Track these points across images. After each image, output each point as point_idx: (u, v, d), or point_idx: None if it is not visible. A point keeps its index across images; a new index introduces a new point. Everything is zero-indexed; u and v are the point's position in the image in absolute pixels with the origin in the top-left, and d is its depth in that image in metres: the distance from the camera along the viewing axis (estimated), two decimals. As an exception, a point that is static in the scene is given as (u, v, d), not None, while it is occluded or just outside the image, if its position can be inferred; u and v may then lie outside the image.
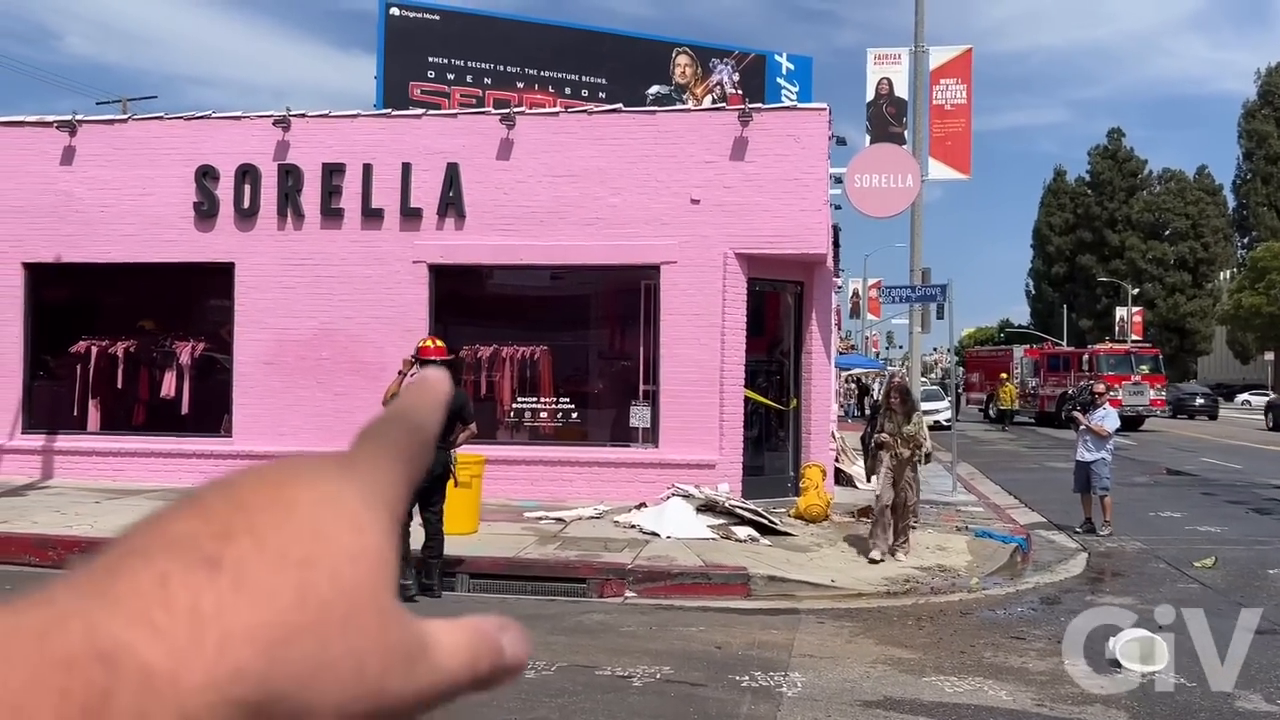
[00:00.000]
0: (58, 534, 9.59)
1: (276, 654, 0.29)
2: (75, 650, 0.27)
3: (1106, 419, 12.20)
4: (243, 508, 0.32)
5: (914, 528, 10.56)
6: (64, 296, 14.14)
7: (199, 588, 0.29)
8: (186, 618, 0.28)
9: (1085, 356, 35.99)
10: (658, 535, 10.07)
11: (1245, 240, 67.15)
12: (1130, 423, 29.54)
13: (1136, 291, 60.11)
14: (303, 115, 13.26)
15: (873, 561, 9.47)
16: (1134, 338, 50.29)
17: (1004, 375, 38.61)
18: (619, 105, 13.61)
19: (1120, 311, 56.53)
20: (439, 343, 8.74)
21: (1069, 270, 69.08)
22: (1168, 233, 64.60)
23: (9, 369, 13.57)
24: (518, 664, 0.38)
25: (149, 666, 0.27)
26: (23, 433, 13.56)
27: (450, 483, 8.24)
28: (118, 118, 14.49)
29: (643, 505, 11.33)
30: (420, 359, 8.51)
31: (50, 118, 13.66)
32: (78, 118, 13.66)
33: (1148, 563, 10.64)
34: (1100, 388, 13.05)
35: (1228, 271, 65.68)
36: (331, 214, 13.07)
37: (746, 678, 6.21)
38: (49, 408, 13.75)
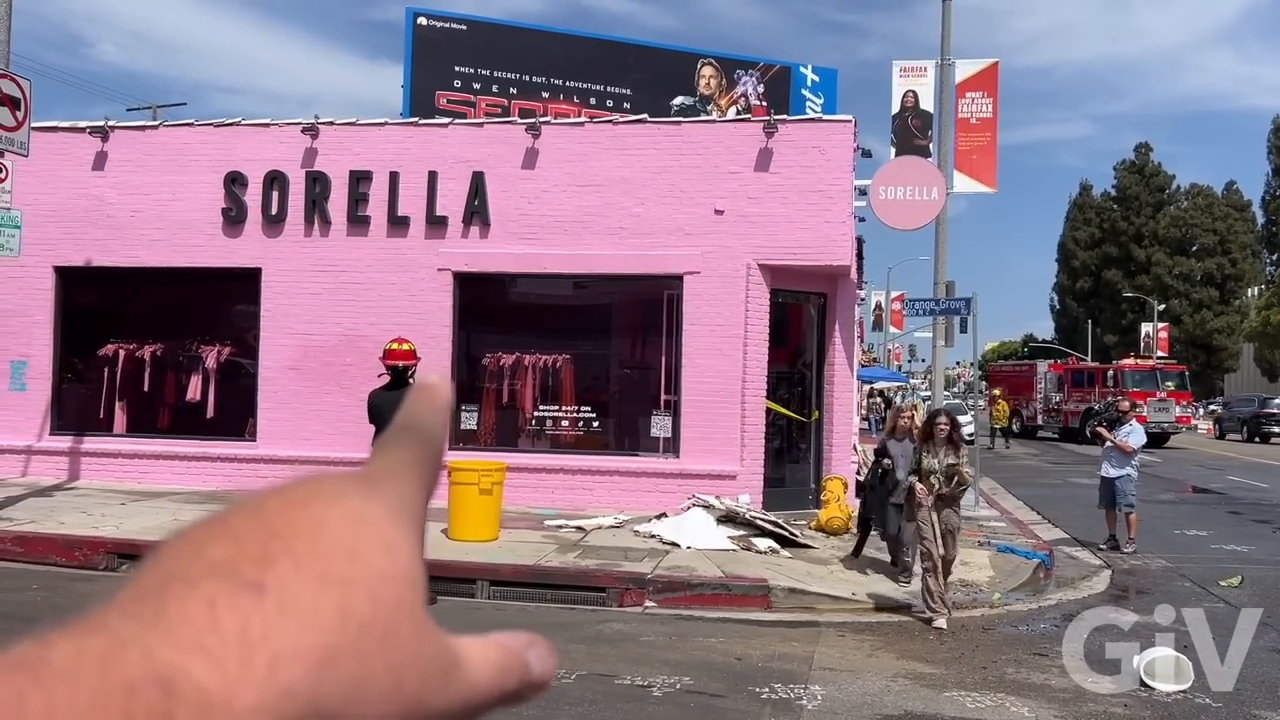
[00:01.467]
0: (84, 535, 9.69)
1: (323, 674, 0.30)
2: (135, 675, 0.28)
3: (1132, 435, 12.10)
4: (277, 531, 0.32)
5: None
6: (93, 300, 14.30)
7: (246, 612, 0.30)
8: (236, 642, 0.29)
9: (1110, 372, 35.70)
10: (678, 545, 10.06)
11: (1274, 257, 66.36)
12: (1156, 439, 29.27)
13: (1163, 307, 59.58)
14: (331, 123, 13.38)
15: (939, 630, 7.92)
16: (1159, 354, 49.83)
17: (996, 392, 38.19)
18: (644, 115, 13.65)
19: (1146, 327, 55.98)
20: (407, 345, 8.69)
21: (1094, 285, 68.54)
22: (1195, 248, 63.99)
23: (39, 371, 13.74)
24: (544, 680, 0.39)
25: (205, 690, 0.28)
26: (51, 434, 13.71)
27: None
28: (149, 124, 14.67)
29: (663, 515, 11.32)
30: (386, 361, 8.53)
31: (83, 123, 13.85)
32: (110, 124, 13.84)
33: (1172, 580, 10.53)
34: (1125, 404, 12.94)
35: (1256, 288, 64.97)
36: (358, 221, 13.17)
37: (766, 689, 6.19)
38: (77, 410, 13.91)
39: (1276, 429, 36.57)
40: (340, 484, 0.35)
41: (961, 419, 35.89)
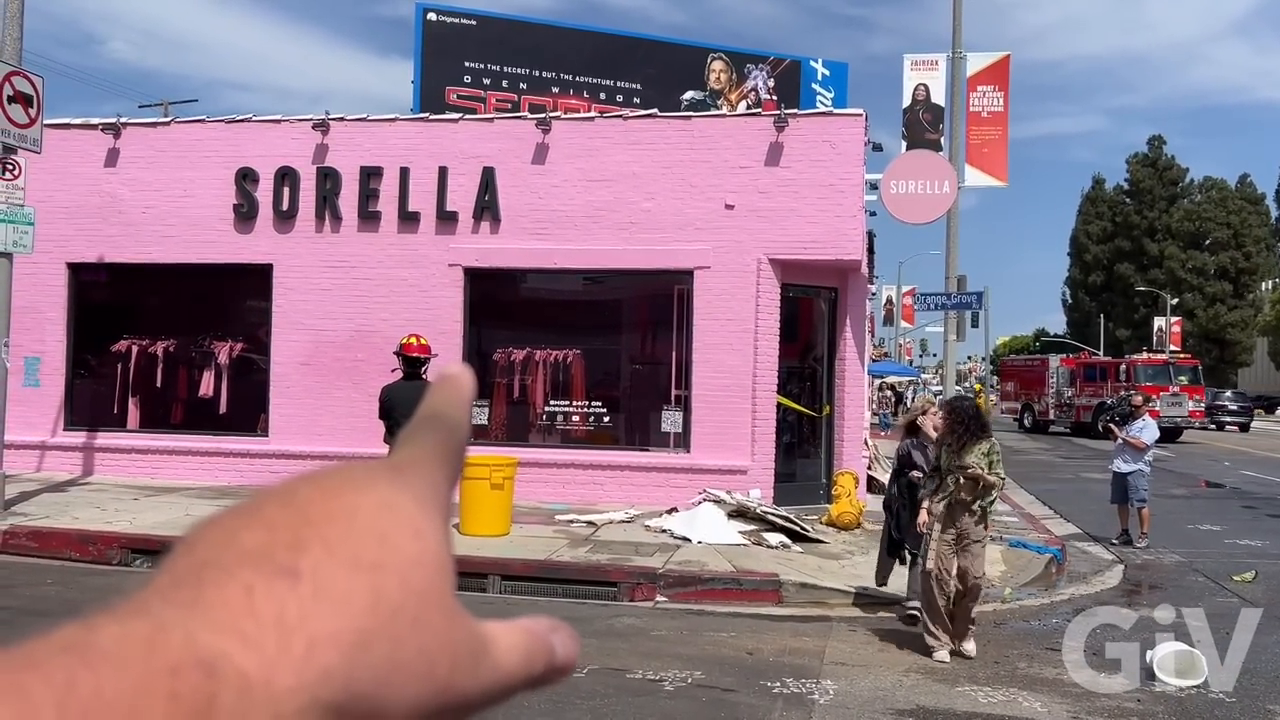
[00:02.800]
0: (98, 529, 9.74)
1: (357, 656, 0.31)
2: (178, 658, 0.28)
3: (1145, 431, 12.04)
4: (309, 518, 0.33)
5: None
6: (106, 296, 14.37)
7: (282, 597, 0.31)
8: (274, 626, 0.30)
9: (1122, 367, 35.53)
10: (689, 540, 10.06)
11: (1288, 250, 65.99)
12: (1168, 434, 29.12)
13: (1175, 301, 59.28)
14: (341, 119, 13.40)
15: (940, 662, 6.88)
16: (1172, 348, 49.59)
17: (978, 387, 38.00)
18: (654, 110, 13.63)
19: (1159, 321, 55.72)
20: (422, 340, 8.77)
21: (1106, 279, 68.21)
22: (1208, 242, 63.61)
23: (52, 367, 13.82)
24: (568, 664, 0.40)
25: (245, 673, 0.29)
26: (65, 429, 13.79)
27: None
28: (160, 121, 14.72)
29: (674, 510, 11.32)
30: (403, 355, 8.57)
31: (95, 120, 13.90)
32: (122, 120, 13.90)
33: (1185, 575, 10.48)
34: (1139, 399, 12.88)
35: (1270, 282, 64.58)
36: (368, 217, 13.20)
37: (778, 684, 6.19)
38: (90, 405, 13.98)
39: (1228, 418, 41.81)
40: (369, 472, 0.36)
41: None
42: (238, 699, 0.29)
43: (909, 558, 8.06)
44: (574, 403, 13.05)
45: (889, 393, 36.96)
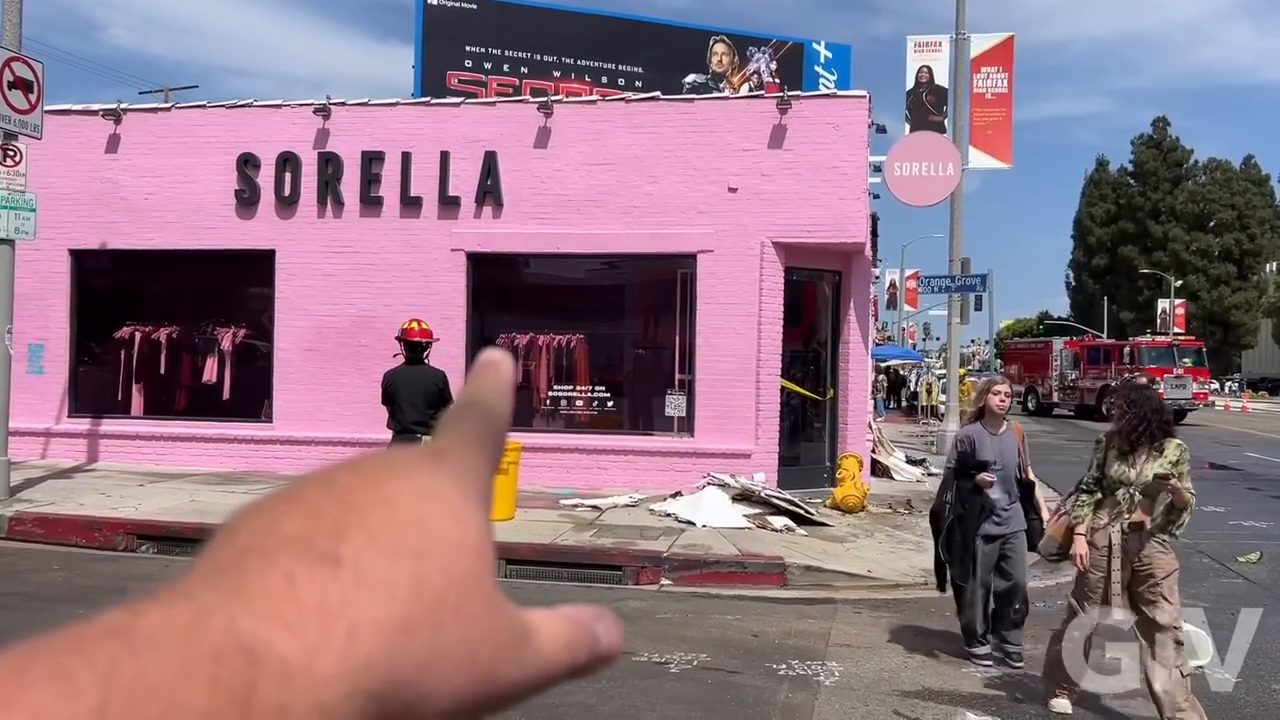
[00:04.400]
0: (103, 515, 9.76)
1: (399, 644, 0.31)
2: (220, 644, 0.28)
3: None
4: (350, 505, 0.33)
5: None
6: (108, 283, 14.37)
7: (324, 584, 0.31)
8: (315, 612, 0.30)
9: (1126, 349, 35.49)
10: (693, 524, 10.07)
11: (1293, 232, 65.76)
12: (1173, 416, 29.08)
13: (1179, 283, 59.14)
14: (342, 104, 13.35)
15: (1060, 715, 5.57)
16: (1176, 330, 49.52)
17: (963, 372, 37.92)
18: (656, 93, 13.56)
19: (1162, 304, 55.62)
20: (424, 325, 8.75)
21: (1111, 262, 68.06)
22: (1212, 224, 63.41)
23: (56, 354, 13.83)
24: (613, 653, 0.39)
25: (286, 660, 0.29)
26: (69, 416, 13.81)
27: None
28: (161, 106, 14.67)
29: (678, 494, 11.33)
30: (405, 340, 8.55)
31: (96, 106, 13.86)
32: (123, 106, 13.86)
33: (1190, 557, 10.46)
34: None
35: (1274, 263, 64.41)
36: (370, 202, 13.16)
37: (784, 666, 6.20)
38: (94, 392, 13.99)
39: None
40: (410, 459, 0.36)
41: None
42: (279, 685, 0.28)
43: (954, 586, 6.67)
44: (578, 387, 13.04)
45: (882, 377, 36.85)
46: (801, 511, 10.55)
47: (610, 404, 13.12)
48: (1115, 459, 5.42)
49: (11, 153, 10.50)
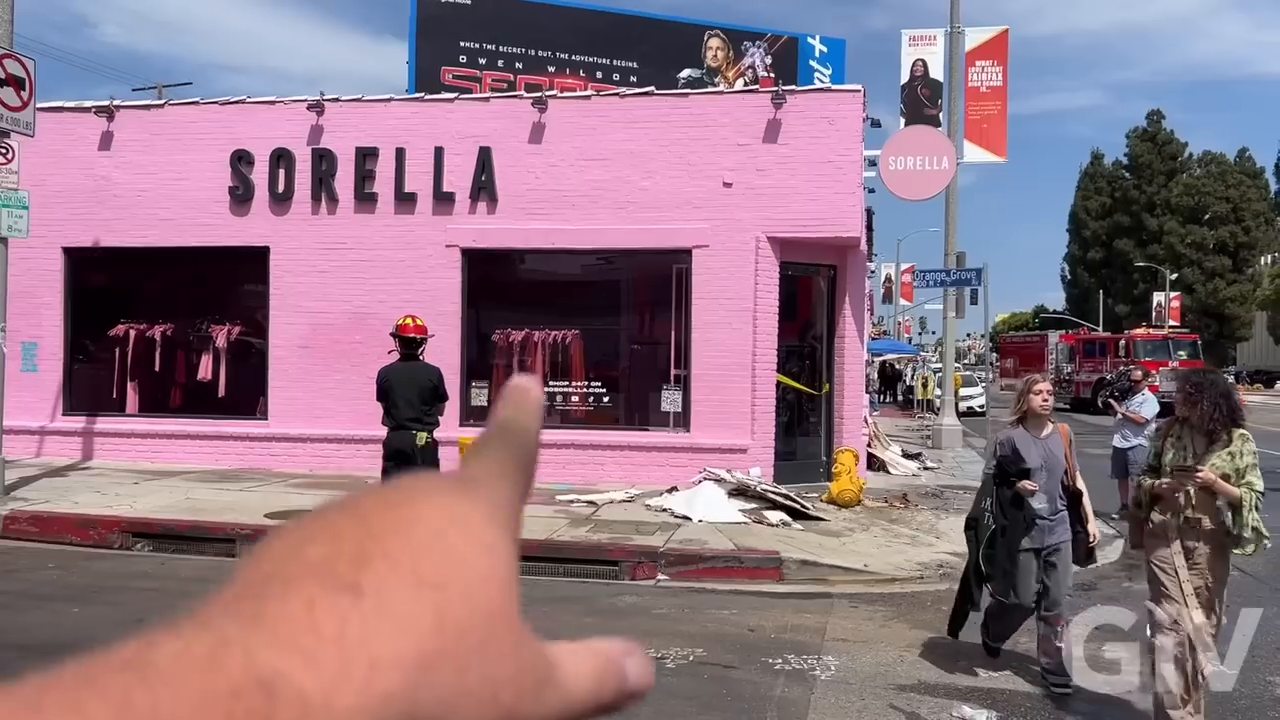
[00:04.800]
0: (98, 514, 9.74)
1: (420, 680, 0.30)
2: (237, 678, 0.28)
3: (1144, 405, 12.04)
4: (374, 531, 0.32)
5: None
6: (102, 280, 14.33)
7: (344, 614, 0.30)
8: (335, 644, 0.29)
9: (1122, 342, 35.58)
10: (689, 519, 10.07)
11: (1288, 224, 65.82)
12: (1168, 409, 29.11)
13: (1175, 276, 59.22)
14: (336, 100, 13.32)
15: None
16: (1171, 323, 49.61)
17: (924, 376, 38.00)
18: (651, 88, 13.54)
19: (1158, 297, 55.69)
20: (419, 321, 8.74)
21: (1106, 255, 68.13)
22: (1207, 217, 63.46)
23: (50, 352, 13.79)
24: (642, 689, 0.38)
25: (304, 693, 0.28)
26: (64, 414, 13.78)
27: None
28: (154, 103, 14.63)
29: (674, 489, 11.34)
30: (399, 336, 8.52)
31: (89, 103, 13.82)
32: (116, 103, 13.81)
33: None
34: (1138, 374, 12.88)
35: (1269, 256, 64.48)
36: (365, 198, 13.14)
37: (779, 660, 6.20)
38: (89, 390, 13.96)
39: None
40: (438, 485, 0.35)
41: (971, 390, 35.55)
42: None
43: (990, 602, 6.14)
44: (573, 383, 13.03)
45: (874, 373, 36.80)
46: (797, 506, 10.56)
47: (606, 399, 13.12)
48: (1171, 447, 5.10)
49: (3, 150, 10.46)
